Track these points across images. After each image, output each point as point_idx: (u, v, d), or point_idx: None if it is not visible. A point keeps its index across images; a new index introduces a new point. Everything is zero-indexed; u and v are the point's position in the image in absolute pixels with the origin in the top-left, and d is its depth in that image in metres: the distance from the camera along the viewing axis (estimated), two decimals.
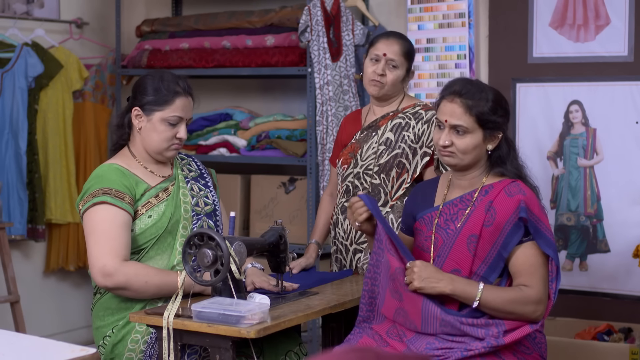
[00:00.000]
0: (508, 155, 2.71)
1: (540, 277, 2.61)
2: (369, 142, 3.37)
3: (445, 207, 2.74)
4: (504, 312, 2.59)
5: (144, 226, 2.88)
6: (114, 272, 2.76)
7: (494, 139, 2.69)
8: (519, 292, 2.60)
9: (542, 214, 2.65)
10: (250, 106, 5.26)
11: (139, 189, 2.90)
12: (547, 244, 2.61)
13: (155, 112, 2.91)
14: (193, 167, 3.12)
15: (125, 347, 2.85)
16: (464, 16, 4.46)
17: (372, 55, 3.35)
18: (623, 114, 4.22)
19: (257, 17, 4.83)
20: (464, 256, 2.65)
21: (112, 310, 2.89)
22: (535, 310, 2.60)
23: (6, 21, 4.87)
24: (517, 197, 2.62)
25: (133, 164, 2.95)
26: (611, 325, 4.11)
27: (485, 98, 2.66)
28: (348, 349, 1.41)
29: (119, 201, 2.83)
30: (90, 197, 2.85)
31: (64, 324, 5.17)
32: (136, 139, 2.97)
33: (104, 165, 2.95)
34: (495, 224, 2.62)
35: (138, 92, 2.95)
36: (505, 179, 2.70)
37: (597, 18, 4.27)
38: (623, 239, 4.22)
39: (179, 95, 2.92)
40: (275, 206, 4.85)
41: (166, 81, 2.92)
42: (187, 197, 2.98)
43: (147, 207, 2.90)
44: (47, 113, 4.91)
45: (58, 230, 5.04)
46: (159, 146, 2.93)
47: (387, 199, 3.30)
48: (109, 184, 2.85)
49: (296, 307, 2.76)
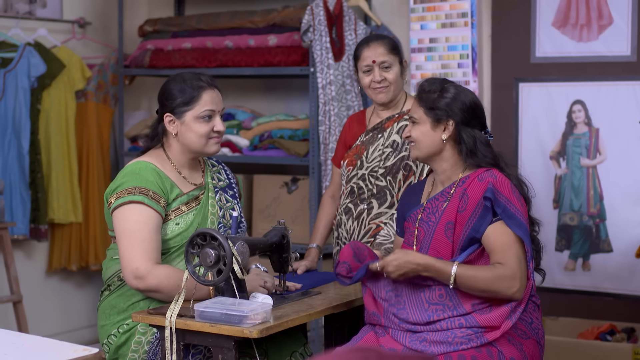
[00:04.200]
0: (475, 147, 2.78)
1: (513, 253, 2.66)
2: (374, 144, 3.37)
3: (428, 203, 2.83)
4: (478, 290, 2.64)
5: (170, 233, 2.86)
6: (146, 275, 2.75)
7: (447, 128, 2.79)
8: (492, 270, 2.64)
9: (514, 196, 2.70)
10: (253, 106, 5.26)
11: (172, 194, 2.88)
12: (517, 225, 2.67)
13: (186, 113, 2.89)
14: (222, 176, 3.10)
15: (129, 348, 2.85)
16: (467, 16, 4.45)
17: (362, 68, 3.35)
18: (626, 114, 4.22)
19: (260, 16, 4.83)
20: (443, 243, 2.73)
21: (118, 310, 2.89)
22: (510, 286, 2.63)
23: (9, 21, 4.87)
24: (487, 180, 2.71)
25: (167, 167, 2.93)
26: (614, 325, 4.11)
27: (438, 90, 2.81)
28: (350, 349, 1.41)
29: (155, 203, 2.81)
30: (125, 193, 2.81)
31: (66, 323, 5.17)
32: (172, 145, 2.95)
33: (140, 162, 2.90)
34: (467, 208, 2.71)
35: (164, 98, 2.93)
36: (481, 168, 2.78)
37: (599, 18, 4.27)
38: (626, 239, 4.21)
39: (204, 90, 2.91)
40: (278, 206, 4.85)
41: (188, 80, 2.91)
42: (215, 209, 2.97)
43: (176, 214, 2.88)
44: (49, 113, 4.91)
45: (60, 230, 5.04)
46: (199, 144, 2.90)
47: (393, 201, 3.30)
48: (146, 183, 2.83)
49: (299, 307, 2.76)
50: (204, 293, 2.78)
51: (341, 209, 3.41)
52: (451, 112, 2.78)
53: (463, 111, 2.79)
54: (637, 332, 4.09)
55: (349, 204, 3.38)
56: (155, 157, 2.94)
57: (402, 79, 3.39)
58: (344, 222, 3.39)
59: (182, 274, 2.78)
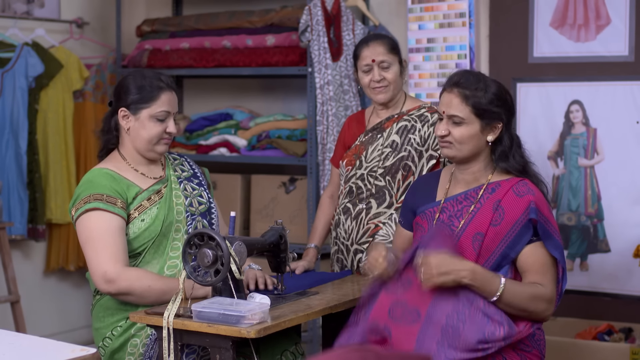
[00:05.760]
0: (510, 150, 2.67)
1: (551, 276, 2.61)
2: (374, 144, 3.37)
3: (447, 202, 2.72)
4: (519, 308, 2.55)
5: (137, 230, 2.87)
6: (116, 278, 2.76)
7: (494, 130, 2.67)
8: (536, 289, 2.57)
9: (551, 215, 2.63)
10: (251, 106, 5.26)
11: (130, 193, 2.88)
12: (555, 246, 2.60)
13: (143, 110, 2.90)
14: (186, 167, 3.10)
15: (125, 352, 2.85)
16: (465, 16, 4.46)
17: (362, 67, 3.35)
18: (624, 114, 4.22)
19: (258, 16, 4.83)
20: (468, 254, 2.62)
21: (112, 311, 2.88)
22: (546, 308, 2.59)
23: (6, 21, 4.86)
24: (527, 198, 2.61)
25: (123, 167, 2.94)
26: (612, 325, 4.11)
27: (484, 88, 2.65)
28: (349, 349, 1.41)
29: (111, 206, 2.82)
30: (81, 203, 2.83)
31: (64, 323, 5.17)
32: (125, 141, 2.95)
33: (94, 169, 2.92)
34: (503, 224, 2.60)
35: (122, 92, 2.93)
36: (513, 177, 2.67)
37: (597, 18, 4.27)
38: (624, 239, 4.22)
39: (163, 90, 2.91)
40: (276, 206, 4.85)
41: (148, 78, 2.91)
42: (181, 199, 2.96)
43: (139, 211, 2.88)
44: (47, 113, 4.91)
45: (58, 230, 5.04)
46: (149, 143, 2.91)
47: (392, 201, 3.30)
48: (99, 189, 2.84)
49: (296, 307, 2.76)
50: (202, 292, 2.79)
51: (339, 208, 3.42)
52: (502, 114, 2.66)
53: (508, 111, 2.68)
54: (634, 332, 4.09)
55: (347, 204, 3.38)
56: (111, 161, 2.96)
57: (401, 78, 3.39)
58: (342, 222, 3.39)
59: (152, 275, 2.80)
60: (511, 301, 2.54)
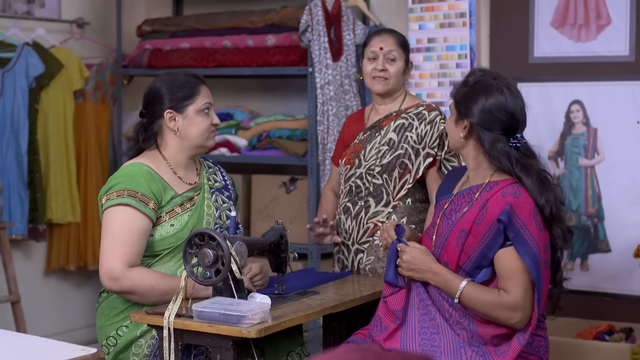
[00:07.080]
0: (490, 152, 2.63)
1: (519, 283, 2.54)
2: (372, 142, 3.37)
3: (456, 196, 2.74)
4: (480, 313, 2.58)
5: (164, 234, 2.87)
6: (120, 277, 2.76)
7: (463, 126, 2.69)
8: (495, 296, 2.56)
9: (532, 221, 2.55)
10: (251, 106, 5.26)
11: (165, 196, 2.89)
12: (527, 252, 2.52)
13: (188, 107, 2.93)
14: (219, 177, 3.11)
15: (130, 352, 2.86)
16: (465, 16, 4.45)
17: (368, 54, 3.35)
18: (624, 114, 4.22)
19: (258, 16, 4.83)
20: (452, 250, 2.66)
21: (117, 311, 2.89)
22: (510, 317, 2.54)
23: (7, 21, 4.87)
24: (508, 199, 2.57)
25: (163, 167, 2.94)
26: (612, 325, 4.11)
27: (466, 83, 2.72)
28: (349, 349, 1.41)
29: (142, 205, 2.81)
30: (114, 195, 2.83)
31: (64, 323, 5.17)
32: (169, 142, 2.96)
33: (135, 163, 2.91)
34: (483, 223, 2.59)
35: (157, 97, 2.94)
36: (510, 178, 2.65)
37: (598, 18, 4.27)
38: (624, 239, 4.22)
39: (201, 84, 2.98)
40: (276, 206, 4.85)
41: (182, 76, 2.97)
42: (211, 209, 2.98)
43: (170, 215, 2.89)
44: (48, 113, 4.91)
45: (59, 230, 5.04)
46: (202, 137, 2.95)
47: (389, 199, 3.30)
48: (136, 186, 2.83)
49: (297, 307, 2.76)
50: (204, 293, 2.79)
51: (340, 208, 3.42)
52: (469, 112, 2.66)
53: (482, 113, 2.64)
54: (635, 332, 4.09)
55: (347, 203, 3.38)
56: (151, 158, 2.95)
57: (403, 77, 3.39)
58: (342, 222, 3.39)
59: (157, 275, 2.80)
60: (470, 306, 2.59)
